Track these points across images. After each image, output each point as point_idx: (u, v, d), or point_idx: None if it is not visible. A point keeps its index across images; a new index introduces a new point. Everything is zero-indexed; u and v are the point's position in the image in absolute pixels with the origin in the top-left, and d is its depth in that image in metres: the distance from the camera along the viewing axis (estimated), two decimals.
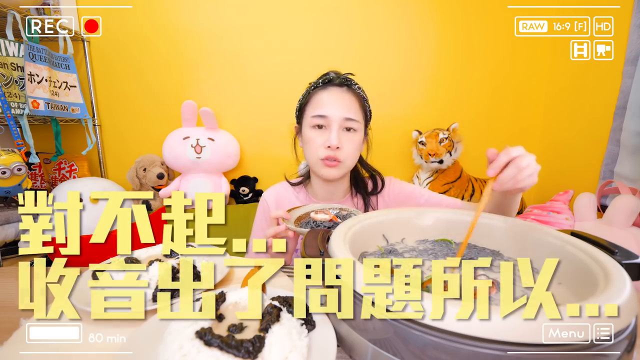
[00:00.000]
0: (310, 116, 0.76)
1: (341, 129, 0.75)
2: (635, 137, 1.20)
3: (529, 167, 0.51)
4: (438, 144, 1.49)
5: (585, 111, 1.44)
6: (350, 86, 0.78)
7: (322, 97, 0.76)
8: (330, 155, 0.74)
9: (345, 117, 0.74)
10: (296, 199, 0.88)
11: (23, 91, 1.30)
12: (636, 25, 1.20)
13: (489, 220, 0.58)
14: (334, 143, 0.73)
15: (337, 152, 0.75)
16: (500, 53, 1.62)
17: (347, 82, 0.78)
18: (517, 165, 0.51)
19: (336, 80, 0.77)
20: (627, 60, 1.23)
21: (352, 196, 0.87)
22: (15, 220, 1.40)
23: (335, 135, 0.73)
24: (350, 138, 0.76)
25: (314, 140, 0.76)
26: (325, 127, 0.75)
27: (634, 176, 1.22)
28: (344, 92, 0.76)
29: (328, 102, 0.75)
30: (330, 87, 0.77)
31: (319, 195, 0.86)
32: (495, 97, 1.67)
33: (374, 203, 0.86)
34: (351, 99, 0.76)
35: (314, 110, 0.76)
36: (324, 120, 0.75)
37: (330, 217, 0.67)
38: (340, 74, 0.79)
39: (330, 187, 0.84)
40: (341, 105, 0.75)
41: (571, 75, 1.50)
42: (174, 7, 1.62)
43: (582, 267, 0.42)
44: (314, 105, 0.77)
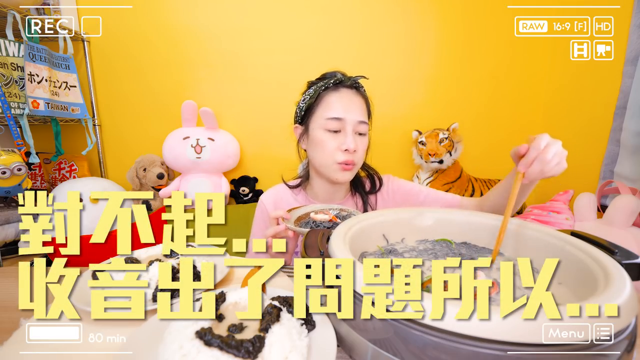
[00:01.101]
0: (324, 118, 0.75)
1: (355, 132, 0.75)
2: (635, 137, 1.20)
3: (555, 156, 0.52)
4: (438, 144, 1.49)
5: (585, 111, 1.44)
6: (359, 89, 0.78)
7: (335, 99, 0.75)
8: (348, 159, 0.74)
9: (359, 120, 0.74)
10: (295, 200, 0.87)
11: (23, 91, 1.30)
12: (636, 25, 1.20)
13: (489, 220, 0.58)
14: (351, 147, 0.73)
15: (354, 156, 0.75)
16: (500, 53, 1.62)
17: (357, 84, 0.78)
18: (541, 160, 0.52)
19: (347, 82, 0.77)
20: (627, 60, 1.23)
21: (352, 196, 0.87)
22: (15, 220, 1.40)
23: (352, 138, 0.73)
24: (362, 141, 0.77)
25: (328, 143, 0.74)
26: (340, 129, 0.74)
27: (634, 176, 1.22)
28: (355, 95, 0.76)
29: (342, 105, 0.74)
30: (342, 88, 0.76)
31: (319, 196, 0.86)
32: (495, 97, 1.67)
33: (372, 202, 0.86)
34: (361, 102, 0.77)
35: (328, 112, 0.74)
36: (339, 123, 0.74)
37: (330, 217, 0.67)
38: (346, 75, 0.79)
39: (332, 189, 0.84)
40: (355, 108, 0.75)
41: (571, 75, 1.50)
42: (174, 7, 1.63)
43: (582, 267, 0.42)
44: (325, 107, 0.75)
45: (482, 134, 1.67)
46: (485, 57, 1.63)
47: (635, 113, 1.20)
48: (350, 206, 0.83)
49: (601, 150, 1.33)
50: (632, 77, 1.22)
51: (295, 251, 0.83)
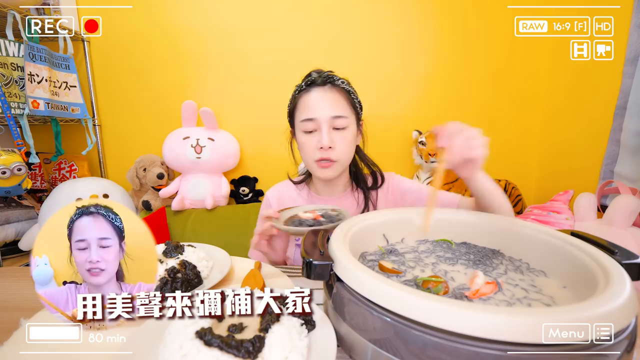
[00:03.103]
0: (300, 121, 0.77)
1: (331, 128, 0.75)
2: (635, 137, 1.20)
3: (477, 137, 0.54)
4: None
5: (585, 111, 1.44)
6: (334, 83, 0.77)
7: (307, 100, 0.77)
8: (323, 156, 0.76)
9: (333, 115, 0.74)
10: (298, 196, 0.90)
11: (23, 91, 1.30)
12: (636, 25, 1.20)
13: (489, 220, 0.58)
14: (325, 143, 0.74)
15: (330, 152, 0.75)
16: (500, 53, 1.62)
17: (330, 79, 0.77)
18: (465, 135, 0.54)
19: (318, 81, 0.77)
20: (627, 60, 1.23)
21: (353, 191, 0.88)
22: (15, 220, 1.40)
23: (326, 136, 0.74)
24: (341, 136, 0.76)
25: (307, 143, 0.77)
26: (315, 129, 0.76)
27: (634, 176, 1.22)
28: (328, 91, 0.76)
29: (314, 104, 0.75)
30: (314, 88, 0.77)
31: (320, 191, 0.88)
32: (495, 97, 1.66)
33: (373, 198, 0.87)
34: (336, 96, 0.76)
35: (302, 114, 0.77)
36: (313, 122, 0.75)
37: (314, 216, 0.70)
38: (322, 72, 0.79)
39: (329, 184, 0.86)
40: (327, 105, 0.75)
41: (571, 75, 1.50)
42: (174, 7, 1.62)
43: (582, 267, 0.42)
44: (301, 109, 0.78)
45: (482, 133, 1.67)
46: (485, 57, 1.63)
47: (635, 113, 1.20)
48: (351, 201, 0.84)
49: (601, 150, 1.33)
50: (632, 77, 1.22)
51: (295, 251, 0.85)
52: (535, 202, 1.59)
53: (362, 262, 0.51)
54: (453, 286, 0.44)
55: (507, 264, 0.51)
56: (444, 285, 0.42)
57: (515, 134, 1.68)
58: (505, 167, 1.66)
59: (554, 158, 1.61)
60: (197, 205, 1.56)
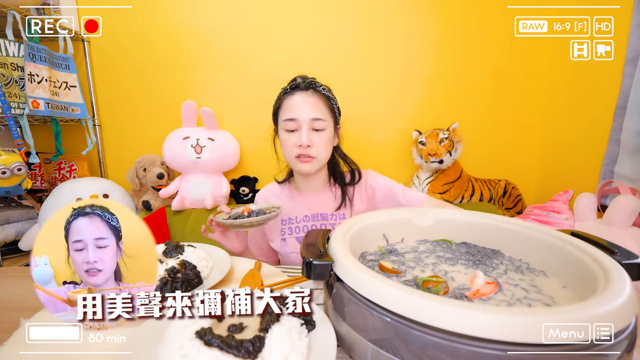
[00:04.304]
0: (283, 120, 0.84)
1: (310, 129, 0.83)
2: (635, 137, 1.20)
3: None
4: (438, 144, 1.49)
5: (585, 111, 1.44)
6: (316, 88, 0.85)
7: (290, 102, 0.84)
8: (302, 153, 0.83)
9: (312, 117, 0.82)
10: (281, 193, 0.98)
11: (23, 91, 1.30)
12: (636, 25, 1.20)
13: (489, 220, 0.58)
14: (304, 142, 0.81)
15: (309, 150, 0.83)
16: (500, 53, 1.62)
17: (312, 85, 0.85)
18: None
19: (302, 85, 0.85)
20: (627, 60, 1.23)
21: (331, 186, 0.95)
22: (15, 220, 1.40)
23: (305, 135, 0.82)
24: (319, 136, 0.84)
25: (287, 141, 0.85)
26: (296, 128, 0.83)
27: (634, 176, 1.22)
28: (310, 95, 0.84)
29: (296, 106, 0.83)
30: (297, 91, 0.84)
31: (301, 187, 0.95)
32: (495, 97, 1.66)
33: (350, 193, 0.93)
34: (317, 101, 0.84)
35: (285, 114, 0.84)
36: (294, 122, 0.83)
37: (243, 209, 0.82)
38: (306, 78, 0.87)
39: (308, 180, 0.93)
40: (308, 108, 0.82)
41: (571, 75, 1.50)
42: (174, 7, 1.62)
43: (582, 267, 0.42)
44: (284, 109, 0.85)
45: (482, 134, 1.67)
46: (485, 57, 1.63)
47: (635, 113, 1.20)
48: (329, 196, 0.93)
49: (601, 150, 1.33)
50: (632, 77, 1.22)
51: (296, 251, 0.91)
52: (535, 202, 1.59)
53: (362, 262, 0.51)
54: (453, 286, 0.44)
55: (507, 264, 0.51)
56: (444, 285, 0.42)
57: (515, 134, 1.68)
58: (505, 167, 1.66)
59: (554, 158, 1.60)
60: (197, 205, 1.56)
